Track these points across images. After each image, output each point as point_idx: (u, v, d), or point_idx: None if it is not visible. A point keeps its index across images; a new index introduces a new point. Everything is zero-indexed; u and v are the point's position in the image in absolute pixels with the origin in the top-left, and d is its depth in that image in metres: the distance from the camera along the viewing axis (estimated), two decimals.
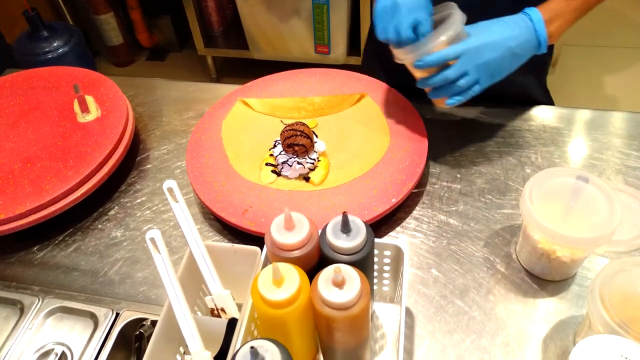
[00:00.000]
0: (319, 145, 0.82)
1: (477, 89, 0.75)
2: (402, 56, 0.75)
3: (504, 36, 0.72)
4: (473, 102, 0.95)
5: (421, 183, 0.84)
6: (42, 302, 0.73)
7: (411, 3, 0.71)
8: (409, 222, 0.79)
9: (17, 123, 0.93)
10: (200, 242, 0.60)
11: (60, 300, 0.73)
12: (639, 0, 2.60)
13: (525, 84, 0.95)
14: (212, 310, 0.62)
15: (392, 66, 0.79)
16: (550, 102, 1.00)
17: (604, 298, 0.54)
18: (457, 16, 0.72)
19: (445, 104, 0.76)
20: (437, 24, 0.75)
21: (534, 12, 0.74)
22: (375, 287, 0.68)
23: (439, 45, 0.71)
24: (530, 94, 0.97)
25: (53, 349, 0.70)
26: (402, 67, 0.78)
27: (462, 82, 0.73)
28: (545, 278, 0.70)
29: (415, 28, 0.71)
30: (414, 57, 0.72)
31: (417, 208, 0.81)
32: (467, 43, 0.71)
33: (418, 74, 0.77)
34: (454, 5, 0.74)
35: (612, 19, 2.52)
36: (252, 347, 0.46)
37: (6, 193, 0.80)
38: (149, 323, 0.69)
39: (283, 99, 0.95)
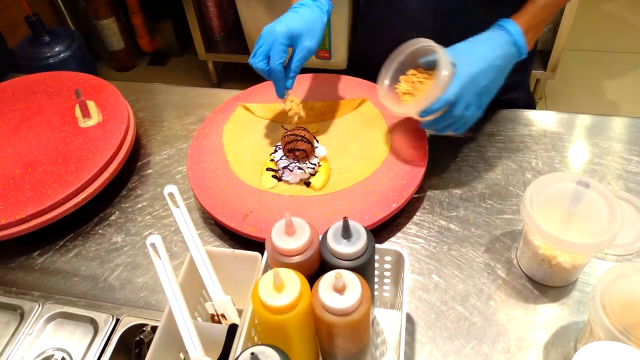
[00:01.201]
0: (320, 150, 0.82)
1: (479, 114, 0.76)
2: (401, 110, 0.77)
3: (490, 58, 0.73)
4: None
5: (422, 188, 0.84)
6: (43, 307, 0.73)
7: (267, 35, 0.77)
8: (410, 227, 0.79)
9: (18, 128, 0.93)
10: (200, 247, 0.60)
11: (61, 305, 0.73)
12: (638, 6, 2.60)
13: (511, 85, 0.96)
14: (212, 316, 0.61)
15: (378, 69, 0.80)
16: (532, 104, 1.01)
17: (605, 304, 0.53)
18: (444, 58, 0.71)
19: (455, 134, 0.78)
20: (417, 54, 0.76)
21: (511, 24, 0.74)
22: (375, 293, 0.68)
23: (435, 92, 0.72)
24: (515, 97, 0.98)
25: (53, 355, 0.70)
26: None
27: (467, 114, 0.74)
28: (546, 284, 0.70)
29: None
30: (417, 109, 0.73)
31: (417, 213, 0.81)
32: (461, 78, 0.71)
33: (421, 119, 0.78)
34: (427, 40, 0.74)
35: (613, 24, 2.52)
36: (252, 353, 0.45)
37: (7, 198, 0.80)
38: (149, 329, 0.69)
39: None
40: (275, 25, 0.78)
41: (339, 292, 0.50)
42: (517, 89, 0.99)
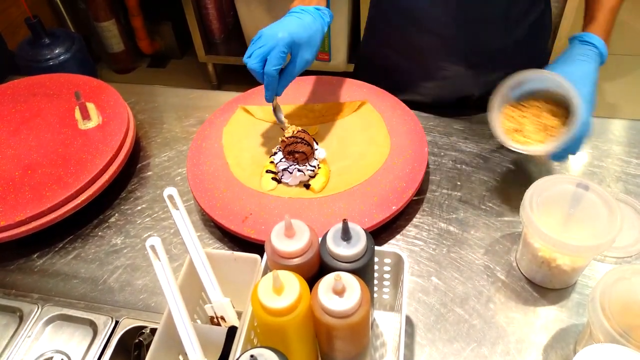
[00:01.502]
0: (320, 152, 0.82)
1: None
2: (535, 153, 0.74)
3: (593, 82, 0.74)
4: (471, 109, 0.96)
5: (421, 190, 0.84)
6: (42, 309, 0.73)
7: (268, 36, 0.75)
8: (409, 229, 0.79)
9: (18, 130, 0.93)
10: (200, 249, 0.60)
11: (60, 308, 0.73)
12: (638, 8, 2.61)
13: None
14: (211, 319, 0.61)
15: (386, 74, 0.80)
16: None
17: (604, 307, 0.53)
18: (577, 101, 0.70)
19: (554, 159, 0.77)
20: (538, 91, 0.75)
21: (593, 38, 0.76)
22: (375, 295, 0.68)
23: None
24: None
25: (52, 357, 0.70)
26: (397, 75, 0.78)
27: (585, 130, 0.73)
28: (546, 286, 0.70)
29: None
30: (547, 151, 0.73)
31: (417, 215, 0.81)
32: (581, 118, 0.70)
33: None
34: (566, 84, 0.71)
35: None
36: (251, 356, 0.45)
37: (6, 200, 0.80)
38: (148, 331, 0.69)
39: (283, 106, 0.95)
40: (277, 29, 0.76)
41: (339, 294, 0.50)
42: None
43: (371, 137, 0.88)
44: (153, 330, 0.68)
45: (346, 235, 0.54)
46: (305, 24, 0.79)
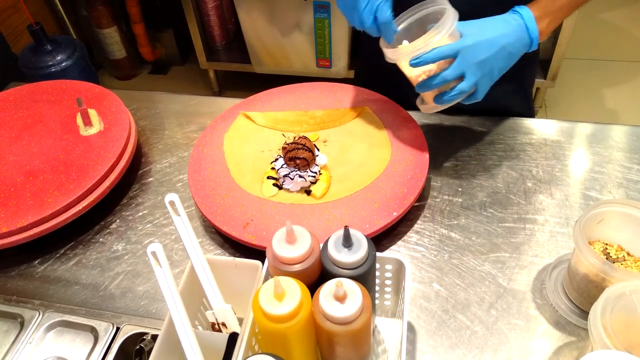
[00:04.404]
0: (321, 158, 0.83)
1: (479, 96, 0.74)
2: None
3: (497, 34, 0.72)
4: (469, 113, 0.96)
5: (422, 196, 0.84)
6: (43, 316, 0.73)
7: None
8: (411, 235, 0.79)
9: (20, 136, 0.94)
10: (201, 255, 0.60)
11: (61, 314, 0.73)
12: (637, 15, 2.61)
13: (509, 95, 0.96)
14: (213, 325, 0.61)
15: (385, 80, 0.79)
16: (531, 114, 1.01)
17: (605, 325, 0.52)
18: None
19: (436, 102, 0.75)
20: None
21: (525, 10, 0.74)
22: (376, 302, 0.68)
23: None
24: (513, 105, 0.98)
25: None
26: (396, 80, 0.77)
27: (462, 86, 0.72)
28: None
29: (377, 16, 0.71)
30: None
31: (418, 222, 0.81)
32: (462, 41, 0.71)
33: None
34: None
35: (612, 32, 2.54)
36: None
37: (8, 206, 0.81)
38: (149, 337, 0.69)
39: (285, 113, 0.95)
40: None
41: (340, 300, 0.50)
42: (511, 97, 0.99)
43: (372, 143, 0.88)
44: (154, 337, 0.68)
45: (347, 241, 0.54)
46: None
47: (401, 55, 0.73)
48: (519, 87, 0.99)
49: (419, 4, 0.76)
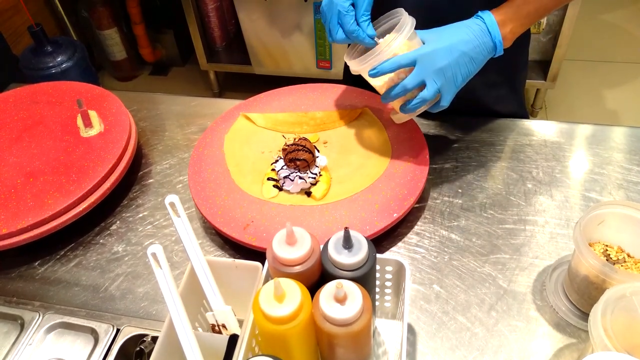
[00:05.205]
0: (321, 159, 0.83)
1: (444, 103, 0.74)
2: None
3: (456, 40, 0.71)
4: (472, 116, 0.96)
5: (422, 198, 0.84)
6: (43, 317, 0.73)
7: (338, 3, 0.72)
8: (411, 237, 0.79)
9: (20, 137, 0.94)
10: (201, 257, 0.60)
11: (61, 315, 0.73)
12: (637, 16, 2.62)
13: (501, 96, 0.96)
14: (213, 326, 0.61)
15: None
16: (525, 115, 1.00)
17: (606, 327, 0.52)
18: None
19: (401, 111, 0.76)
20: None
21: (487, 15, 0.74)
22: (377, 303, 0.68)
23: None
24: (505, 106, 0.98)
25: None
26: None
27: (424, 94, 0.72)
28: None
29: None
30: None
31: (418, 223, 0.81)
32: (420, 49, 0.71)
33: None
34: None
35: (612, 34, 2.54)
36: None
37: (8, 207, 0.81)
38: (149, 339, 0.69)
39: (285, 114, 0.95)
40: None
41: (340, 302, 0.50)
42: (504, 101, 0.98)
43: (372, 145, 0.88)
44: (154, 338, 0.68)
45: (348, 243, 0.54)
46: None
47: (360, 66, 0.73)
48: (511, 92, 0.99)
49: (381, 17, 0.76)
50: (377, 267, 0.62)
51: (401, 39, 0.71)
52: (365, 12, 0.73)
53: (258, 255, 0.73)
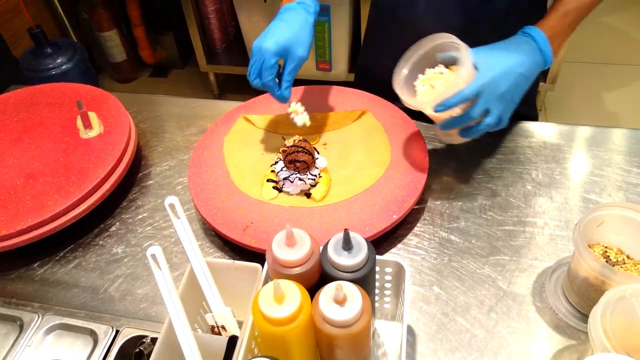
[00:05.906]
0: (320, 161, 0.83)
1: (503, 124, 0.74)
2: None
3: (512, 62, 0.71)
4: None
5: (422, 199, 0.84)
6: (42, 318, 0.73)
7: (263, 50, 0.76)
8: (410, 238, 0.79)
9: (20, 139, 0.94)
10: (201, 258, 0.60)
11: (60, 317, 0.73)
12: (638, 18, 2.62)
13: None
14: (212, 328, 0.61)
15: (384, 83, 0.80)
16: (535, 117, 1.01)
17: (605, 328, 0.52)
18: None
19: (463, 136, 0.76)
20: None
21: (536, 31, 0.74)
22: (376, 305, 0.68)
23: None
24: (521, 109, 0.98)
25: None
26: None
27: (487, 120, 0.72)
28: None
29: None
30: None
31: (418, 225, 0.81)
32: (481, 78, 0.70)
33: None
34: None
35: (613, 36, 2.54)
36: None
37: (8, 209, 0.81)
38: (149, 340, 0.69)
39: (285, 116, 0.95)
40: (262, 41, 0.77)
41: (340, 303, 0.50)
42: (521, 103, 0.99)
43: (372, 146, 0.88)
44: (154, 340, 0.68)
45: (347, 244, 0.54)
46: (290, 24, 0.79)
47: (423, 104, 0.74)
48: (528, 94, 0.99)
49: (425, 38, 0.75)
50: (377, 268, 0.62)
51: (464, 73, 0.69)
52: (290, 73, 0.79)
53: (257, 256, 0.73)
